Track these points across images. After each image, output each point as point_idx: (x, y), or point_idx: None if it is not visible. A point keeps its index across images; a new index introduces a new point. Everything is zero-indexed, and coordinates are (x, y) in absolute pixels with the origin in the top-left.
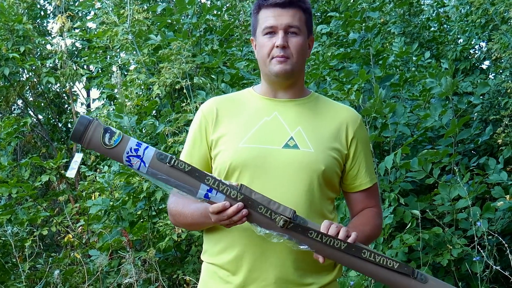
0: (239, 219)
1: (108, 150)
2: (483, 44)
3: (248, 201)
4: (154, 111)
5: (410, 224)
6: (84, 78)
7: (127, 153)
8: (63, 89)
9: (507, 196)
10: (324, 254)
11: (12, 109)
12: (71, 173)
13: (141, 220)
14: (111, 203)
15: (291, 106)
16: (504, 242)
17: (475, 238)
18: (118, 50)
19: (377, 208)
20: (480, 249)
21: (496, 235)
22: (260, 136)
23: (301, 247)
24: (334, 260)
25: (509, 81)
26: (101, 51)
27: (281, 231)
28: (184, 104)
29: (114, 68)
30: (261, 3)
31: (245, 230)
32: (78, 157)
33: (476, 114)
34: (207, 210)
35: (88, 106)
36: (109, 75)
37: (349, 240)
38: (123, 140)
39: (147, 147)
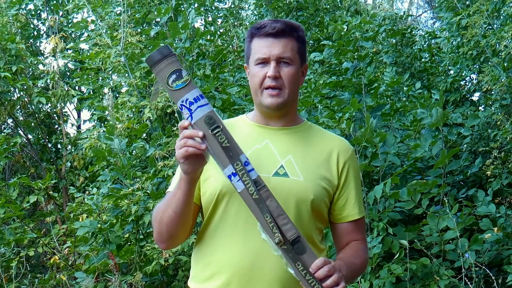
0: (191, 145)
1: (168, 89)
2: (473, 76)
3: (260, 204)
4: (144, 134)
5: (398, 254)
6: (75, 99)
7: (182, 102)
8: (54, 110)
9: (495, 229)
10: None
11: (2, 128)
12: (154, 98)
13: (129, 243)
14: (98, 225)
15: (282, 134)
16: (491, 274)
17: (463, 270)
18: (110, 72)
19: (363, 243)
20: (467, 280)
21: (484, 267)
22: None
23: (290, 270)
24: None
25: (499, 114)
26: (93, 72)
27: (275, 246)
28: (175, 128)
29: (105, 90)
30: (253, 32)
31: (233, 256)
32: (158, 84)
33: (465, 145)
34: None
35: (79, 127)
36: (101, 97)
37: None
38: (185, 88)
39: (200, 106)
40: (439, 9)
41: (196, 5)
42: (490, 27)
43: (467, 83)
